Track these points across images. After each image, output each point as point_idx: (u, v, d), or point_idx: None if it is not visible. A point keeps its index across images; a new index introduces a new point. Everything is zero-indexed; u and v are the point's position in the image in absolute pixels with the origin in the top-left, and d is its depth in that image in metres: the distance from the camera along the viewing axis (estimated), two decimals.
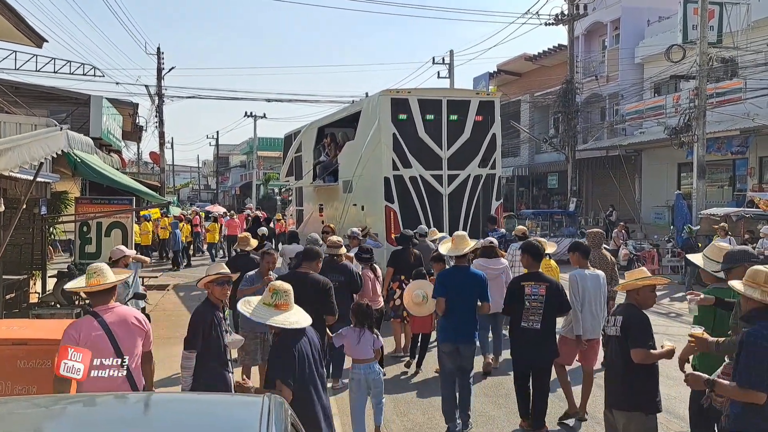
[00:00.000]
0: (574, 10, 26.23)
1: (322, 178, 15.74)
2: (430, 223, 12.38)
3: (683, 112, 20.67)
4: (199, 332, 5.15)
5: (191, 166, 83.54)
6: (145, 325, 4.81)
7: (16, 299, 10.85)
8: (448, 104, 12.95)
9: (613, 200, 27.44)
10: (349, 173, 14.06)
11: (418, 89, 14.17)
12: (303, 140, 17.62)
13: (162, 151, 35.47)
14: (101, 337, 4.51)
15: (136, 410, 3.06)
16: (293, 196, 19.62)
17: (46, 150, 5.72)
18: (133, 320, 4.73)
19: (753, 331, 3.73)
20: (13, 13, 12.70)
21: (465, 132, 12.99)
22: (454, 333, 6.56)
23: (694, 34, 19.91)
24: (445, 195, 12.83)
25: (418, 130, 12.72)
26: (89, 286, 4.75)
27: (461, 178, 12.96)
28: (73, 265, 11.66)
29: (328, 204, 15.84)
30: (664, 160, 25.70)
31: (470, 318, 6.57)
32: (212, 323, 5.21)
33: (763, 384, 3.63)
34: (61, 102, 19.60)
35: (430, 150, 12.77)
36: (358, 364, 6.14)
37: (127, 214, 12.24)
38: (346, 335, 6.16)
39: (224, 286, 5.36)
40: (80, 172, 11.60)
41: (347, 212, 14.08)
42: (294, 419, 2.96)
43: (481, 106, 13.18)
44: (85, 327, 4.57)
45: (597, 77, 29.14)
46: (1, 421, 2.75)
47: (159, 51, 34.10)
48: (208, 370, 5.14)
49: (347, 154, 14.52)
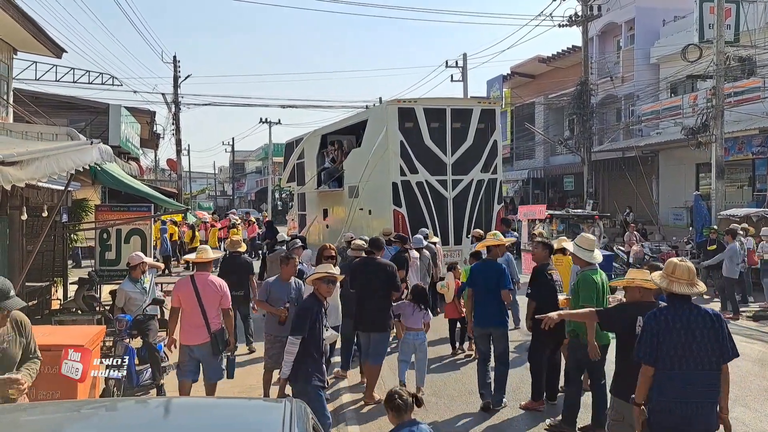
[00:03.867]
0: (588, 11, 26.12)
1: (327, 183, 16.38)
2: (436, 225, 13.20)
3: (700, 112, 20.50)
4: (306, 321, 5.68)
5: (207, 172, 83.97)
6: (221, 290, 6.82)
7: (38, 306, 10.99)
8: (452, 113, 13.69)
9: (630, 202, 27.25)
10: (355, 179, 14.66)
11: (424, 98, 14.87)
12: (305, 147, 18.25)
13: (179, 158, 35.77)
14: (191, 294, 6.67)
15: (162, 414, 3.09)
16: (295, 201, 20.15)
17: (77, 162, 5.82)
18: (213, 285, 6.81)
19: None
20: (33, 24, 12.91)
21: (468, 139, 13.72)
22: (483, 318, 7.48)
23: (711, 33, 19.74)
24: (449, 199, 13.56)
25: (423, 137, 13.40)
26: (198, 258, 7.05)
27: (465, 182, 13.67)
28: (93, 271, 11.78)
29: (332, 208, 16.46)
30: (682, 160, 25.48)
31: (496, 305, 7.41)
32: (316, 316, 5.76)
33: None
34: (80, 111, 19.87)
35: (436, 156, 13.49)
36: (409, 332, 7.59)
37: (146, 221, 12.36)
38: (404, 307, 7.69)
39: (329, 285, 5.93)
40: (100, 179, 11.76)
41: (353, 216, 14.64)
42: (315, 422, 2.99)
43: (482, 115, 13.90)
44: (183, 286, 6.83)
45: (612, 78, 28.95)
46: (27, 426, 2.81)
47: (175, 59, 34.45)
48: (307, 357, 5.64)
49: (353, 161, 15.18)
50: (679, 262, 4.51)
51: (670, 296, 4.47)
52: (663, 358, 4.32)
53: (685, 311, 4.36)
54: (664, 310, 4.47)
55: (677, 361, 4.29)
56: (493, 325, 7.44)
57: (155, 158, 44.41)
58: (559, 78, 31.80)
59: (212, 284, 6.83)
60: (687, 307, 4.39)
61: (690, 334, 4.29)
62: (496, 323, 7.44)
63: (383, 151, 13.47)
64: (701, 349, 4.28)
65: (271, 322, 7.31)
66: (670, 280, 4.43)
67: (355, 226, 13.98)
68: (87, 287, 10.44)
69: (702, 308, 4.44)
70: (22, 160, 4.84)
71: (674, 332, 4.30)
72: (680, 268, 4.44)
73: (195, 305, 6.69)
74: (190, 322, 6.73)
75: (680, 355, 4.29)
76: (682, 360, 4.28)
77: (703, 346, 4.29)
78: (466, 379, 8.50)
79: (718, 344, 4.31)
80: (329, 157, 16.71)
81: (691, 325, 4.31)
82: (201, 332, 6.67)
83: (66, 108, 19.79)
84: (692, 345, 4.28)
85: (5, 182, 4.56)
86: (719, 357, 4.33)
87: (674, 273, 4.44)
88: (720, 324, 4.36)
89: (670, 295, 4.47)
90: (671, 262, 4.55)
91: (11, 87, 14.65)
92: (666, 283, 4.44)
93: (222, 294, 6.82)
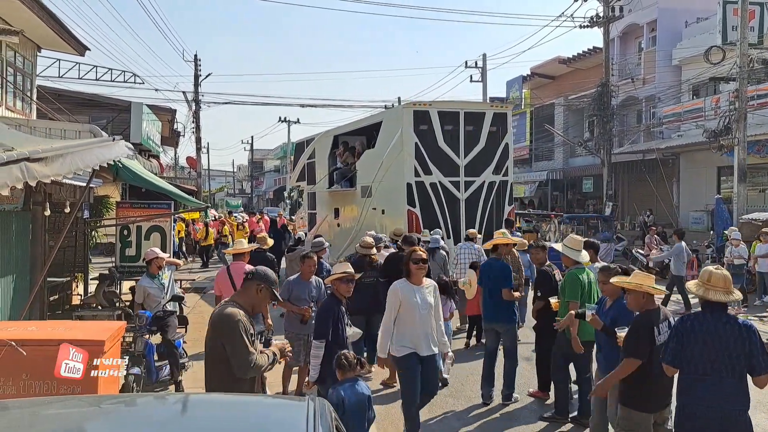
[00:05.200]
0: (610, 12, 25.93)
1: (339, 183, 16.78)
2: (448, 225, 13.60)
3: (723, 114, 20.30)
4: (328, 323, 5.81)
5: (226, 170, 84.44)
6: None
7: (59, 301, 11.11)
8: (465, 116, 14.03)
9: (650, 204, 27.02)
10: (368, 179, 14.99)
11: (438, 102, 15.42)
12: (317, 147, 18.67)
13: (198, 156, 35.97)
14: (226, 279, 7.39)
15: (185, 410, 3.09)
16: (305, 200, 20.46)
17: (100, 158, 5.89)
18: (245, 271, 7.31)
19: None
20: (58, 22, 13.07)
21: (480, 141, 14.05)
22: (491, 315, 7.76)
23: (734, 35, 19.56)
24: (462, 200, 13.91)
25: (437, 139, 13.77)
26: (234, 249, 8.40)
27: (477, 184, 14.01)
28: (114, 267, 11.89)
29: (344, 208, 16.81)
30: (703, 163, 25.22)
31: (503, 301, 7.60)
32: (337, 316, 5.88)
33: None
34: (102, 108, 20.05)
35: (449, 158, 13.85)
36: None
37: (166, 218, 12.46)
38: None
39: (348, 284, 6.02)
40: (122, 176, 11.87)
41: (365, 215, 14.99)
42: (338, 421, 2.99)
43: (494, 118, 14.25)
44: (221, 276, 7.90)
45: (633, 80, 28.71)
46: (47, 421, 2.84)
47: (196, 58, 34.63)
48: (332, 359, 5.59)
49: (366, 162, 15.56)
50: (714, 270, 4.51)
51: (705, 304, 4.48)
52: (690, 364, 4.38)
53: (716, 319, 4.38)
54: (695, 316, 4.48)
55: (702, 367, 4.33)
56: (501, 321, 7.68)
57: (175, 156, 44.77)
58: (579, 79, 31.60)
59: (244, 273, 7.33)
60: (720, 315, 4.38)
61: (719, 342, 4.31)
62: (504, 320, 7.67)
63: (398, 152, 13.82)
64: (730, 358, 4.30)
65: (292, 320, 7.41)
66: (706, 288, 4.44)
67: (367, 225, 14.27)
68: (107, 283, 10.54)
69: (735, 318, 4.44)
70: (47, 156, 4.91)
71: (703, 338, 4.34)
72: (716, 276, 4.44)
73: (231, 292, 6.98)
74: None
75: (706, 360, 4.32)
76: (707, 366, 4.32)
77: (732, 355, 4.29)
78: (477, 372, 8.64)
79: (748, 355, 4.29)
80: (341, 157, 17.09)
81: (720, 333, 4.33)
82: None
83: (88, 105, 19.97)
84: (721, 353, 4.30)
85: (31, 179, 4.62)
86: (748, 367, 4.31)
87: (710, 281, 4.44)
88: (750, 335, 4.33)
89: (705, 303, 4.48)
90: (707, 270, 4.55)
91: (35, 84, 14.85)
92: (702, 291, 4.45)
93: None
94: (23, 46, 13.21)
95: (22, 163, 4.55)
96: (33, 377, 5.01)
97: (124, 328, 6.88)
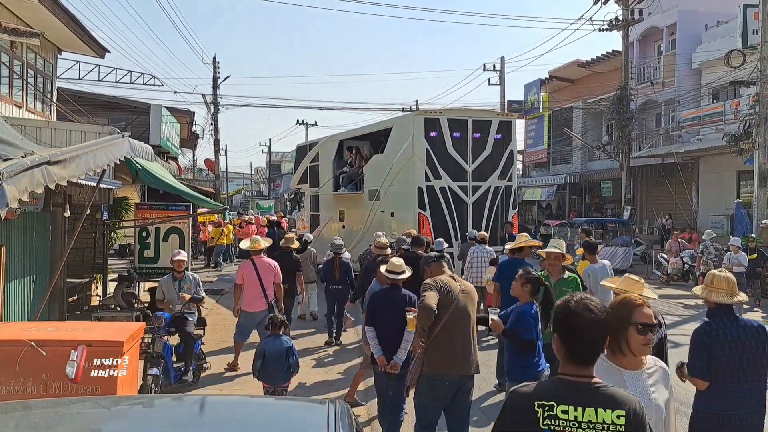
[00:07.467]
0: (629, 15, 25.76)
1: (346, 186, 17.43)
2: (456, 228, 14.32)
3: (743, 118, 20.09)
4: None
5: (244, 173, 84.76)
6: (275, 268, 9.03)
7: (78, 302, 11.22)
8: (473, 123, 14.70)
9: (668, 209, 26.78)
10: (377, 183, 15.64)
11: (447, 110, 16.58)
12: (321, 151, 19.25)
13: (216, 158, 36.18)
14: (252, 272, 8.80)
15: (204, 412, 3.08)
16: (306, 203, 20.80)
17: (110, 156, 5.92)
18: (269, 265, 9.02)
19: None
20: (78, 24, 13.18)
21: (487, 148, 14.73)
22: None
23: (755, 38, 19.37)
24: (469, 204, 14.60)
25: (447, 145, 14.38)
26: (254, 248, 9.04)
27: (483, 189, 14.72)
28: (132, 268, 11.97)
29: (349, 210, 17.35)
30: (723, 167, 24.94)
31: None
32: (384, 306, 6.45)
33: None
34: (122, 110, 20.21)
35: (457, 164, 14.48)
36: None
37: (185, 220, 12.54)
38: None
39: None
40: (141, 178, 11.95)
41: (373, 218, 15.69)
42: (358, 424, 2.97)
43: (500, 126, 14.94)
44: (246, 267, 8.94)
45: (652, 83, 28.47)
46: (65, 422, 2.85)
47: (215, 60, 34.87)
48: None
49: (374, 166, 16.16)
50: (717, 272, 4.50)
51: (712, 311, 4.45)
52: (720, 372, 4.32)
53: (730, 323, 4.35)
54: (711, 324, 4.42)
55: (722, 373, 4.29)
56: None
57: (193, 158, 44.99)
58: (598, 83, 31.40)
59: (268, 264, 9.05)
60: (730, 318, 4.36)
61: (739, 346, 4.29)
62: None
63: (408, 157, 14.43)
64: (749, 361, 4.29)
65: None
66: (709, 290, 4.43)
67: (375, 227, 14.74)
68: (126, 284, 10.62)
69: (745, 319, 4.43)
70: (64, 159, 4.93)
71: (724, 345, 4.30)
72: (718, 278, 4.44)
73: (255, 281, 8.80)
74: (252, 293, 8.83)
75: (727, 367, 4.28)
76: (726, 371, 4.28)
77: (750, 357, 4.28)
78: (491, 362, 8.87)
79: (764, 355, 4.30)
80: (355, 162, 17.53)
81: (740, 336, 4.30)
82: (261, 302, 8.80)
83: (108, 107, 20.15)
84: (741, 357, 4.28)
85: (50, 182, 4.64)
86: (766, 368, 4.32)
87: (713, 283, 4.43)
88: (765, 335, 4.34)
89: (711, 310, 4.46)
90: (711, 273, 4.56)
91: (55, 86, 14.99)
92: (706, 293, 4.44)
93: (275, 271, 9.01)
94: (43, 49, 13.34)
95: (43, 166, 4.56)
96: (52, 377, 5.04)
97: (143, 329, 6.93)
